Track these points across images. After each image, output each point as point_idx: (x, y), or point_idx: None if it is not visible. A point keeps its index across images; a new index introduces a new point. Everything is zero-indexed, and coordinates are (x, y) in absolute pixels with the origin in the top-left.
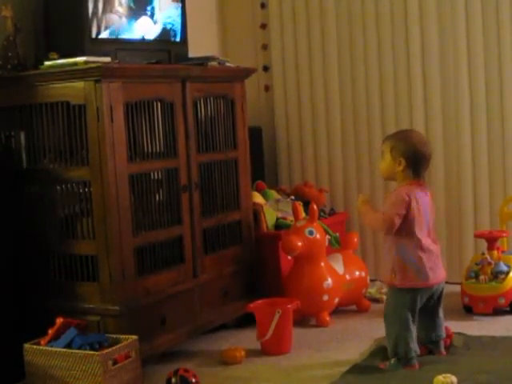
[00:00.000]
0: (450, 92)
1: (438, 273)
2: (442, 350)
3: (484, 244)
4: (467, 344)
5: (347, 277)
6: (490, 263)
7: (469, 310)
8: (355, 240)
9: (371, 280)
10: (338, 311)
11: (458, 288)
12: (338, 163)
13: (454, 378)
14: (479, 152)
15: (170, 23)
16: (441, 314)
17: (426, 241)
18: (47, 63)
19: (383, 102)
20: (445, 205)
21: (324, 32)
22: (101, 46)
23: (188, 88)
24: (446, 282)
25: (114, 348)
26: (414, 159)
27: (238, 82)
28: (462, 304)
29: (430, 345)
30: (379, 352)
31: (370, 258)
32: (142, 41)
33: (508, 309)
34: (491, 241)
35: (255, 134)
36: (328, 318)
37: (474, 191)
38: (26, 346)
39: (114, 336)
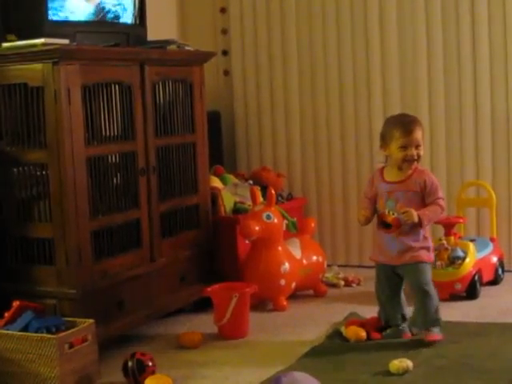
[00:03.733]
0: (409, 81)
1: None
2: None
3: (441, 230)
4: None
5: (304, 261)
6: (446, 249)
7: None
8: (312, 225)
9: (328, 265)
10: (295, 296)
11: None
12: (296, 148)
13: (409, 363)
14: (436, 139)
15: (124, 5)
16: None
17: None
18: (5, 45)
19: (341, 87)
20: None
21: (284, 17)
22: (59, 29)
23: (147, 71)
24: None
25: (70, 331)
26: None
27: (196, 66)
28: None
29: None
30: (335, 335)
31: (328, 243)
32: (101, 23)
33: (464, 294)
34: (448, 227)
35: (214, 119)
36: (285, 303)
37: None
38: None
39: (71, 319)
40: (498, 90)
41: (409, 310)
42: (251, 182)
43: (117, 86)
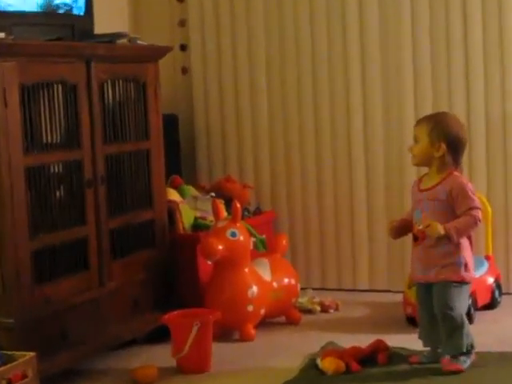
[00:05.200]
0: (392, 86)
1: None
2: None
3: None
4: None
5: (275, 284)
6: None
7: (412, 322)
8: (284, 243)
9: (302, 288)
10: (264, 323)
11: (399, 297)
12: (264, 156)
13: None
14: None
15: None
16: None
17: None
18: None
19: (315, 85)
20: (385, 204)
21: (249, 7)
22: None
23: (93, 69)
24: (388, 291)
25: (8, 366)
26: (455, 144)
27: (150, 63)
28: (405, 315)
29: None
30: (311, 368)
31: (301, 263)
32: (41, 14)
33: None
34: None
35: (170, 123)
36: (253, 332)
37: None
38: None
39: (9, 353)
40: (492, 98)
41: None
42: (213, 194)
43: (59, 86)
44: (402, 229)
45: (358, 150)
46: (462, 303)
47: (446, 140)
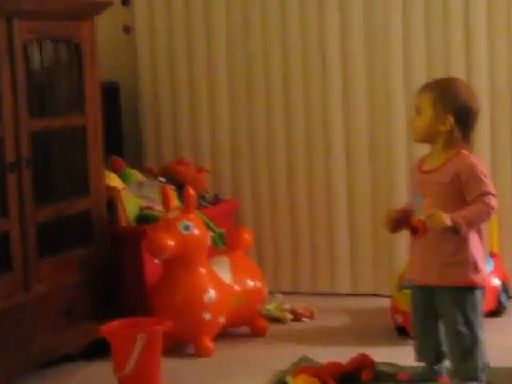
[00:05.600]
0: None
1: None
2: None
3: None
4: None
5: (237, 288)
6: None
7: (402, 332)
8: (247, 238)
9: (270, 292)
10: (224, 335)
11: (387, 303)
12: (224, 134)
13: None
14: None
15: None
16: None
17: None
18: None
19: (285, 53)
20: (370, 201)
21: None
22: None
23: (16, 27)
24: (373, 295)
25: None
26: (465, 117)
27: (85, 20)
28: (394, 324)
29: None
30: None
31: (269, 262)
32: None
33: None
34: None
35: (111, 93)
36: (210, 345)
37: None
38: None
39: None
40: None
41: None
42: (162, 179)
43: None
44: (403, 220)
45: (338, 129)
46: (477, 316)
47: (453, 111)
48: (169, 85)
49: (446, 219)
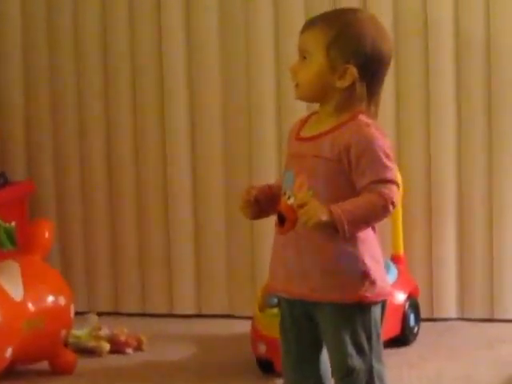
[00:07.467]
0: None
1: None
2: None
3: None
4: None
5: (30, 306)
6: None
7: (267, 368)
8: (47, 236)
9: (80, 313)
10: (12, 373)
11: (246, 326)
12: (15, 85)
13: None
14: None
15: None
16: None
17: None
18: None
19: None
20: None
21: None
22: None
23: None
24: (227, 316)
25: None
26: (374, 67)
27: None
28: (256, 356)
29: None
30: None
31: (78, 271)
32: None
33: None
34: None
35: None
36: None
37: None
38: None
39: None
40: None
41: None
42: None
43: None
44: (266, 203)
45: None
46: (373, 344)
47: (357, 60)
48: None
49: (322, 213)
